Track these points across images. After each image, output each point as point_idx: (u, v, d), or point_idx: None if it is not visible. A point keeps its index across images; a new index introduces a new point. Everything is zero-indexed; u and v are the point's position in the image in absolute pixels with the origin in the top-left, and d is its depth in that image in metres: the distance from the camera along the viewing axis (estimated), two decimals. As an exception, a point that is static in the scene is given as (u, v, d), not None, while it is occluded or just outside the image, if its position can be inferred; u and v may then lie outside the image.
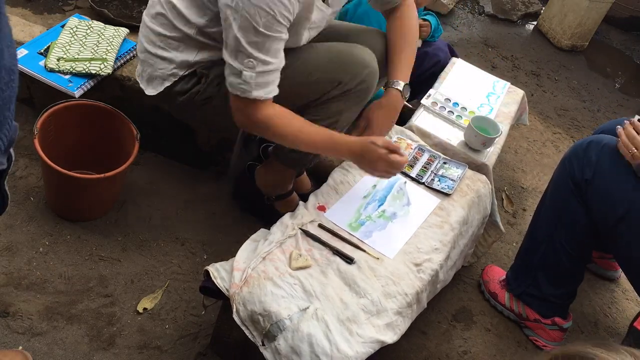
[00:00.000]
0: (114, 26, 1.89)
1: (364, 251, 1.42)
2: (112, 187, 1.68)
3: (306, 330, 1.22)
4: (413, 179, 1.67)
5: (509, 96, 2.17)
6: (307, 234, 1.43)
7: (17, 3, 2.02)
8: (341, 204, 1.54)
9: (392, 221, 1.54)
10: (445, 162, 1.75)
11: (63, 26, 1.85)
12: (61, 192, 1.64)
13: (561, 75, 3.31)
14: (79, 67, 1.73)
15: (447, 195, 1.65)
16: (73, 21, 1.87)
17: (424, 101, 1.98)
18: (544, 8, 3.70)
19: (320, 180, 1.67)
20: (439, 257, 1.50)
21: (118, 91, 1.81)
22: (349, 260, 1.39)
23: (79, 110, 1.66)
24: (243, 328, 1.27)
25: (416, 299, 1.40)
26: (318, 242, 1.41)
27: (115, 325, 1.50)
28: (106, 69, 1.74)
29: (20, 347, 1.39)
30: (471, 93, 2.11)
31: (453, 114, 1.96)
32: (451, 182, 1.69)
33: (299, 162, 1.68)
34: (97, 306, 1.52)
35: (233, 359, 1.48)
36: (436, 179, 1.69)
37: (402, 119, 2.31)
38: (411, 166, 1.70)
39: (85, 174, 1.65)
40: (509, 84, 2.24)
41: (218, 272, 1.33)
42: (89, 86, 1.72)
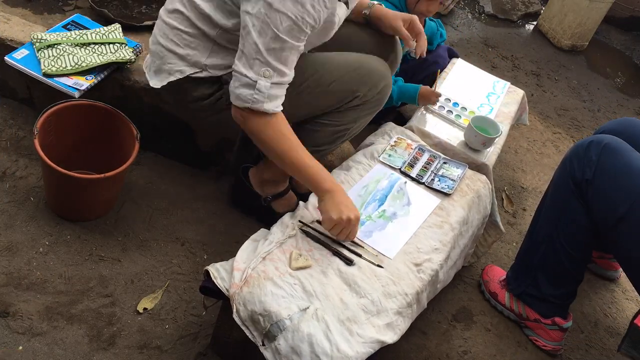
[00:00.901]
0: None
1: (363, 258, 1.42)
2: (112, 187, 1.68)
3: (306, 330, 1.22)
4: (413, 178, 1.67)
5: (509, 96, 2.17)
6: (308, 234, 1.43)
7: (17, 3, 2.02)
8: (341, 204, 1.54)
9: (392, 221, 1.54)
10: (445, 162, 1.75)
11: (65, 26, 1.84)
12: (61, 192, 1.64)
13: (561, 75, 3.31)
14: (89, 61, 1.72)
15: (447, 195, 1.65)
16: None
17: (424, 101, 1.98)
18: (544, 8, 3.70)
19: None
20: (439, 257, 1.50)
21: (118, 91, 1.81)
22: (348, 261, 1.39)
23: (79, 111, 1.66)
24: (243, 328, 1.27)
25: (416, 299, 1.41)
26: (318, 242, 1.41)
27: (116, 325, 1.50)
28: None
29: (20, 347, 1.39)
30: (471, 93, 2.11)
31: (453, 113, 1.96)
32: (451, 182, 1.69)
33: None
34: (97, 306, 1.52)
35: (233, 359, 1.48)
36: (436, 179, 1.69)
37: (403, 119, 2.32)
38: (411, 166, 1.70)
39: (85, 174, 1.65)
40: (509, 83, 2.24)
41: (218, 272, 1.33)
42: (89, 86, 1.72)
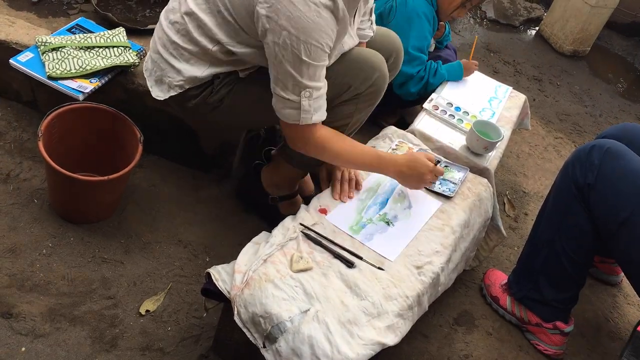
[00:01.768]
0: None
1: (364, 260, 1.42)
2: (115, 189, 1.69)
3: (307, 332, 1.23)
4: (415, 182, 1.68)
5: (511, 101, 2.17)
6: (309, 237, 1.43)
7: (22, 7, 2.03)
8: (343, 206, 1.55)
9: (394, 224, 1.54)
10: (446, 165, 1.76)
11: (69, 29, 1.86)
12: (65, 194, 1.65)
13: (563, 81, 3.32)
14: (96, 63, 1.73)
15: (448, 198, 1.66)
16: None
17: (425, 105, 1.99)
18: (545, 13, 3.71)
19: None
20: (440, 259, 1.50)
21: (122, 94, 1.82)
22: (349, 264, 1.39)
23: (83, 113, 1.67)
24: (244, 330, 1.28)
25: (417, 302, 1.41)
26: (319, 245, 1.42)
27: (118, 327, 1.50)
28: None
29: (23, 349, 1.39)
30: (473, 97, 2.12)
31: (455, 118, 1.97)
32: (452, 185, 1.69)
33: (308, 164, 1.67)
34: (100, 308, 1.53)
35: (234, 361, 1.49)
36: (437, 182, 1.69)
37: (404, 123, 2.33)
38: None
39: (88, 176, 1.66)
40: (511, 88, 2.25)
41: (219, 274, 1.34)
42: (93, 89, 1.73)
